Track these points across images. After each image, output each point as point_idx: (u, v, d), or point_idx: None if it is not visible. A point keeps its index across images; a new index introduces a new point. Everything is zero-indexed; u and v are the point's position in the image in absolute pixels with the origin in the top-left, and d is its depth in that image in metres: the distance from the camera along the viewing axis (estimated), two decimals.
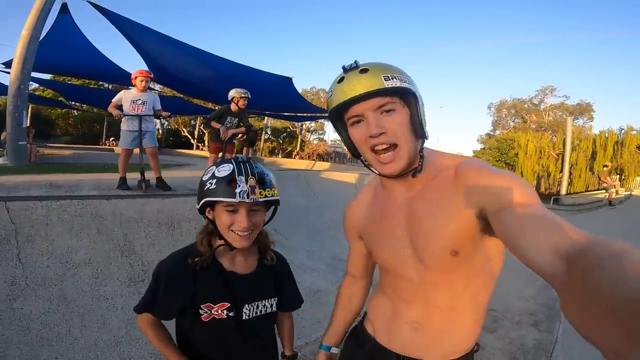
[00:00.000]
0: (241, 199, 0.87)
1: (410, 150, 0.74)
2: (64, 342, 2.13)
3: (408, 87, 0.72)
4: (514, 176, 0.68)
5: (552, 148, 20.20)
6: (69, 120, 26.25)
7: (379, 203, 0.90)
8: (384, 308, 0.93)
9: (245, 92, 4.42)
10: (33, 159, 7.18)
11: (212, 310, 0.96)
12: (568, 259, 0.43)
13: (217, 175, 0.90)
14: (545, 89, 30.07)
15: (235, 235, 0.92)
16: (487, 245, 0.75)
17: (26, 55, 5.86)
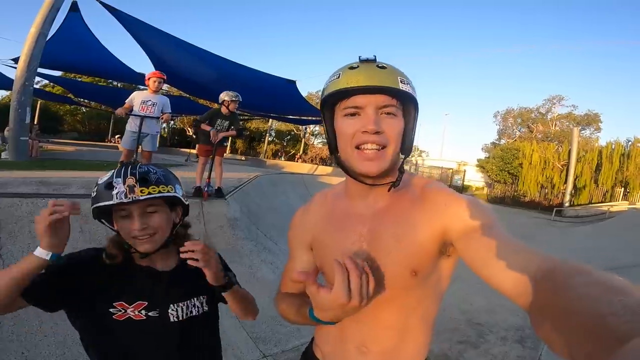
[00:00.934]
0: (119, 200, 0.85)
1: (394, 158, 0.72)
2: (34, 338, 2.15)
3: (416, 98, 0.71)
4: (477, 200, 0.70)
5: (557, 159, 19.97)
6: (77, 117, 26.58)
7: (339, 211, 0.84)
8: (331, 330, 0.86)
9: (237, 95, 4.37)
10: (34, 154, 7.29)
11: (128, 310, 0.90)
12: (537, 279, 0.44)
13: (98, 183, 0.90)
14: (553, 98, 29.75)
15: (137, 240, 0.89)
16: (441, 266, 0.75)
17: (33, 53, 5.97)
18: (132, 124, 4.07)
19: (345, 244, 0.80)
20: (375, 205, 0.79)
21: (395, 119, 0.69)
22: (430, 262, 0.73)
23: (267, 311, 2.98)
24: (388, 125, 0.69)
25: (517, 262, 0.50)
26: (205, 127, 4.32)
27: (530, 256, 0.50)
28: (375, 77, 0.67)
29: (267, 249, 3.85)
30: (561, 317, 0.36)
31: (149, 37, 8.19)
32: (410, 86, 0.70)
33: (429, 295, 0.78)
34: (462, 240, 0.65)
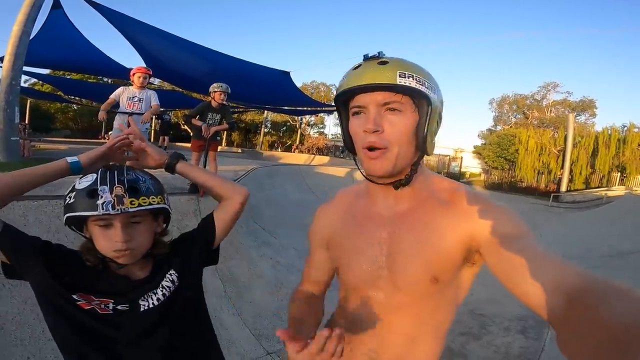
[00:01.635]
0: (105, 211, 0.75)
1: (400, 158, 0.68)
2: (38, 342, 2.12)
3: (424, 90, 0.65)
4: (509, 209, 0.67)
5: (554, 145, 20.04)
6: (69, 114, 26.12)
7: (359, 212, 0.82)
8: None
9: (221, 86, 4.22)
10: (27, 154, 7.17)
11: (93, 302, 0.80)
12: (570, 295, 0.44)
13: (76, 188, 0.79)
14: (548, 85, 29.70)
15: (116, 253, 0.79)
16: (461, 276, 0.73)
17: (17, 52, 5.86)
18: (120, 121, 3.96)
19: (362, 247, 0.78)
20: (396, 207, 0.76)
21: (399, 115, 0.66)
22: (453, 269, 0.70)
23: (268, 307, 3.00)
24: (390, 123, 0.66)
25: (547, 276, 0.49)
26: (196, 122, 4.22)
27: (562, 270, 0.48)
28: (373, 75, 0.66)
29: (267, 243, 3.82)
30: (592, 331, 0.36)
31: (136, 31, 7.97)
32: (415, 78, 0.65)
33: (445, 305, 0.75)
34: (490, 249, 0.62)
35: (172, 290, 0.90)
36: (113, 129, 4.06)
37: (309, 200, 6.27)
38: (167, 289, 0.89)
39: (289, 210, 5.18)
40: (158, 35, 7.88)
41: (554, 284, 0.47)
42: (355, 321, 0.82)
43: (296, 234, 4.65)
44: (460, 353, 2.58)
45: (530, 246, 0.57)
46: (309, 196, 6.48)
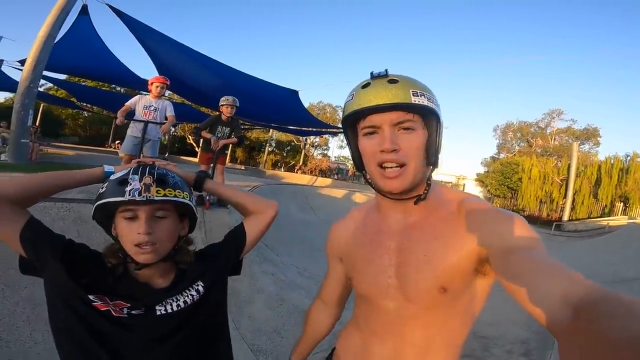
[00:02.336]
0: (131, 197, 0.76)
1: (417, 174, 0.70)
2: (24, 345, 2.10)
3: (434, 108, 0.68)
4: (519, 218, 0.66)
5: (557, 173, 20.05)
6: (79, 121, 26.65)
7: (369, 227, 0.85)
8: (353, 343, 0.88)
9: (227, 99, 4.33)
10: (34, 157, 7.26)
11: (108, 305, 0.80)
12: (577, 307, 0.43)
13: (110, 179, 0.82)
14: (553, 112, 30.06)
15: (137, 249, 0.79)
16: (475, 285, 0.72)
17: (40, 55, 5.98)
18: (134, 129, 4.04)
19: (372, 258, 0.80)
20: (405, 220, 0.77)
21: (413, 134, 0.68)
22: (462, 280, 0.70)
23: (268, 323, 2.97)
24: (406, 141, 0.68)
25: (555, 287, 0.48)
26: (206, 134, 4.31)
27: (571, 282, 0.48)
28: (386, 94, 0.66)
29: (268, 260, 3.81)
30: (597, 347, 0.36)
31: (155, 42, 8.24)
32: (426, 97, 0.67)
33: (458, 315, 0.75)
34: (498, 258, 0.61)
35: (196, 300, 0.89)
36: (126, 136, 4.11)
37: (311, 220, 6.28)
38: (191, 297, 0.89)
39: (291, 230, 5.18)
40: (174, 46, 8.12)
41: (562, 295, 0.46)
42: (367, 330, 0.84)
43: (297, 253, 4.64)
44: None
45: (539, 256, 0.56)
46: (311, 216, 6.50)
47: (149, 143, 4.08)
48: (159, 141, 4.32)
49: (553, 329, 0.46)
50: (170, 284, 0.89)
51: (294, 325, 2.96)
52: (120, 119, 3.89)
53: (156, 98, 4.15)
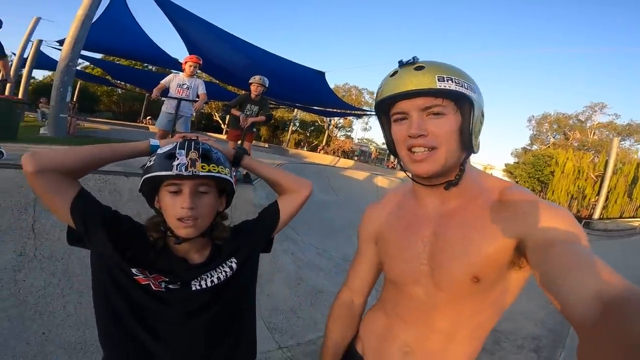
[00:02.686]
0: (178, 172, 0.79)
1: (449, 158, 0.69)
2: (56, 318, 2.14)
3: (464, 92, 0.66)
4: (563, 210, 0.64)
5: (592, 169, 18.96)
6: (113, 98, 27.78)
7: (406, 211, 0.84)
8: (377, 326, 0.89)
9: (256, 78, 4.41)
10: (72, 131, 7.66)
11: (148, 278, 0.84)
12: (607, 304, 0.42)
13: (157, 153, 0.85)
14: (595, 106, 28.12)
15: (180, 223, 0.81)
16: (509, 278, 0.70)
17: (78, 35, 6.25)
18: (168, 106, 4.21)
19: (406, 243, 0.80)
20: (442, 207, 0.77)
21: (443, 118, 0.67)
22: (496, 271, 0.69)
23: (285, 303, 3.05)
24: (434, 126, 0.67)
25: (589, 283, 0.46)
26: (235, 112, 4.42)
27: (607, 280, 0.46)
28: (411, 81, 0.67)
29: (290, 239, 3.88)
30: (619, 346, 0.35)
31: (185, 21, 8.37)
32: (454, 81, 0.66)
33: (488, 307, 0.74)
34: (535, 251, 0.59)
35: (229, 276, 0.92)
36: (161, 112, 4.29)
37: (332, 201, 6.30)
38: (224, 274, 0.91)
39: (312, 210, 5.23)
40: (204, 26, 8.23)
41: (595, 292, 0.45)
42: (393, 314, 0.85)
43: (317, 233, 4.70)
44: None
45: (579, 251, 0.54)
46: (332, 197, 6.51)
47: (182, 119, 4.23)
48: (190, 117, 4.46)
49: (579, 325, 0.45)
50: (205, 259, 0.91)
51: (310, 306, 3.03)
52: (155, 93, 4.06)
53: (189, 76, 4.28)
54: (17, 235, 2.33)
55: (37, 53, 9.74)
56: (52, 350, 2.01)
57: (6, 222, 2.36)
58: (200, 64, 4.34)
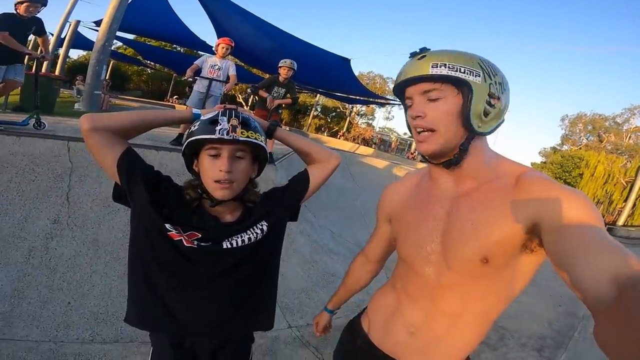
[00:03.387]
0: (220, 136, 0.85)
1: (448, 139, 0.73)
2: (82, 287, 2.19)
3: (457, 75, 0.69)
4: (580, 193, 0.64)
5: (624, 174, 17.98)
6: (142, 77, 28.47)
7: (421, 191, 0.87)
8: (385, 304, 0.91)
9: (285, 62, 4.50)
10: (104, 107, 7.99)
11: (182, 236, 0.89)
12: (624, 286, 0.42)
13: (201, 119, 0.91)
14: (634, 108, 26.50)
15: (216, 184, 0.88)
16: (519, 262, 0.71)
17: (115, 16, 6.51)
18: (200, 85, 4.37)
19: (420, 222, 0.83)
20: (457, 189, 0.79)
21: (441, 102, 0.72)
22: (507, 253, 0.70)
23: (298, 283, 3.15)
24: (431, 109, 0.73)
25: (606, 265, 0.46)
26: (263, 93, 4.52)
27: (624, 262, 0.45)
28: (411, 69, 0.74)
29: (306, 220, 3.93)
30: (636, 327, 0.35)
31: (216, 4, 8.42)
32: (448, 66, 0.69)
33: (496, 290, 0.75)
34: (550, 232, 0.60)
35: (260, 238, 0.97)
36: (193, 91, 4.45)
37: (350, 187, 6.31)
38: (255, 235, 0.96)
39: (329, 194, 5.27)
40: (233, 9, 8.26)
41: (612, 273, 0.44)
42: (402, 293, 0.87)
43: (333, 217, 4.74)
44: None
45: (595, 233, 0.54)
46: (350, 183, 6.52)
47: (211, 98, 4.39)
48: (220, 97, 4.62)
49: (595, 307, 0.44)
50: (237, 219, 0.97)
51: (322, 288, 3.08)
52: (189, 73, 4.22)
53: (221, 58, 4.42)
54: (53, 203, 2.42)
55: (75, 33, 10.08)
56: (75, 320, 2.05)
57: (43, 189, 2.46)
58: (232, 46, 4.46)
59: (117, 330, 2.11)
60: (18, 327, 1.95)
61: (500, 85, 0.72)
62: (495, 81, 0.71)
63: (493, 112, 0.72)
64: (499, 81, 0.72)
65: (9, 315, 1.98)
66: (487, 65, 0.72)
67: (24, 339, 1.91)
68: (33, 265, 2.18)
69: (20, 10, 3.56)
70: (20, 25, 3.63)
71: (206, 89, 4.26)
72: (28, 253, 2.22)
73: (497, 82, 0.72)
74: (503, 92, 0.73)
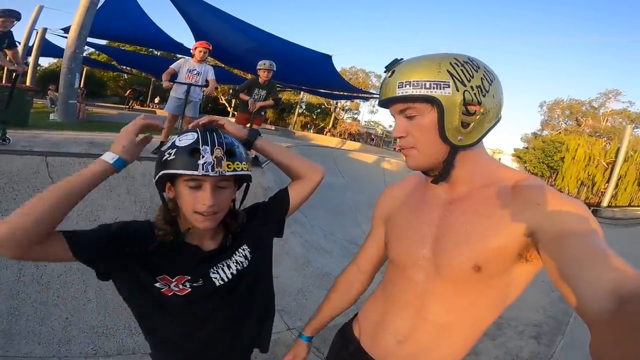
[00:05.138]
0: (204, 172, 0.75)
1: (429, 155, 0.72)
2: (78, 302, 2.20)
3: (423, 94, 0.66)
4: (580, 203, 0.62)
5: (604, 156, 18.57)
6: (119, 83, 27.72)
7: (417, 196, 0.86)
8: (375, 311, 0.90)
9: (264, 64, 4.42)
10: (81, 116, 7.74)
11: (171, 285, 0.83)
12: (623, 298, 0.41)
13: (177, 145, 0.77)
14: (609, 93, 27.29)
15: (198, 216, 0.79)
16: (513, 272, 0.69)
17: (83, 22, 6.26)
18: (178, 91, 4.24)
19: (412, 225, 0.82)
20: (450, 193, 0.77)
21: (416, 119, 0.70)
22: (500, 261, 0.67)
23: (293, 285, 3.13)
24: (410, 127, 0.71)
25: (605, 278, 0.46)
26: (244, 96, 4.44)
27: (623, 274, 0.45)
28: (383, 90, 0.72)
29: (297, 221, 3.91)
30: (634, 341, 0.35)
31: (189, 6, 8.26)
32: (412, 84, 0.67)
33: (488, 299, 0.73)
34: (547, 243, 0.59)
35: (245, 265, 0.94)
36: (169, 97, 4.32)
37: (339, 184, 6.30)
38: (240, 264, 0.93)
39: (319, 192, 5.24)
40: (208, 10, 8.11)
41: (611, 286, 0.44)
42: (391, 299, 0.85)
43: (323, 216, 4.73)
44: (473, 351, 2.60)
45: (593, 244, 0.53)
46: (338, 180, 6.51)
47: (191, 104, 4.28)
48: (199, 102, 4.51)
49: (594, 320, 0.44)
50: (219, 246, 0.92)
51: (318, 288, 3.09)
52: (166, 83, 4.08)
53: (199, 62, 4.30)
54: None
55: (42, 41, 9.72)
56: (75, 335, 2.09)
57: None
58: (209, 49, 4.35)
59: (118, 342, 2.14)
60: (20, 344, 1.96)
61: (480, 88, 0.66)
62: (472, 86, 0.66)
63: (474, 120, 0.67)
64: (476, 84, 0.66)
65: (8, 333, 1.99)
66: (460, 69, 0.66)
67: (28, 356, 1.93)
68: (25, 283, 2.19)
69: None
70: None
71: (184, 94, 4.14)
72: (18, 271, 2.24)
73: (474, 87, 0.66)
74: (485, 94, 0.67)
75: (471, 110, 0.67)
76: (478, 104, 0.67)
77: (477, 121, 0.68)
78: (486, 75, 0.68)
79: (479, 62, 0.69)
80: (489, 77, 0.68)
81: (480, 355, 2.58)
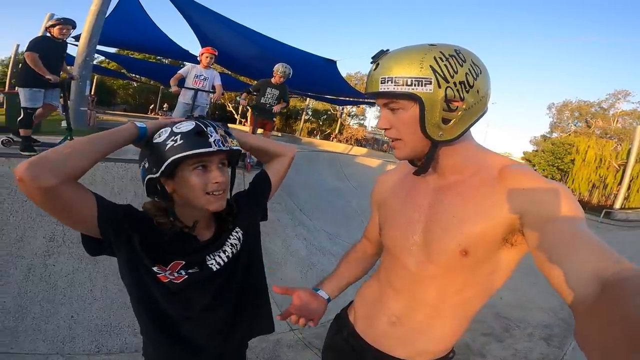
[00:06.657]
0: (218, 147, 0.78)
1: (414, 147, 0.73)
2: (84, 301, 2.24)
3: (403, 91, 0.66)
4: (564, 188, 0.63)
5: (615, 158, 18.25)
6: (129, 91, 28.33)
7: (408, 183, 0.87)
8: (370, 294, 0.93)
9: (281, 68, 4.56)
10: (92, 123, 7.91)
11: (166, 272, 0.83)
12: (605, 284, 0.41)
13: (179, 131, 0.78)
14: (618, 93, 26.93)
15: (211, 197, 0.81)
16: (499, 256, 0.71)
17: (93, 30, 6.43)
18: (186, 96, 4.33)
19: (403, 212, 0.84)
20: (440, 180, 0.79)
21: (399, 112, 0.71)
22: (486, 246, 0.69)
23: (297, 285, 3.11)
24: (394, 120, 0.72)
25: (588, 263, 0.46)
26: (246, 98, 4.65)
27: (606, 259, 0.45)
28: (368, 83, 0.73)
29: (302, 224, 3.93)
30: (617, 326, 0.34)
31: (195, 13, 8.41)
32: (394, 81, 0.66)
33: (477, 284, 0.75)
34: (533, 228, 0.60)
35: (239, 247, 0.96)
36: (178, 102, 4.42)
37: (344, 188, 6.33)
38: (234, 247, 0.94)
39: (324, 196, 5.28)
40: (214, 17, 8.26)
41: (594, 272, 0.44)
42: (386, 283, 0.88)
43: (329, 219, 4.75)
44: (479, 352, 2.58)
45: (577, 229, 0.54)
46: (344, 184, 6.54)
47: (198, 109, 4.38)
48: (206, 107, 4.61)
49: (577, 305, 0.44)
50: (213, 235, 0.94)
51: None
52: (174, 88, 4.17)
53: (206, 68, 4.40)
54: (47, 222, 2.46)
55: None
56: (80, 333, 2.12)
57: (36, 209, 2.47)
58: (216, 55, 4.46)
59: (122, 341, 2.17)
60: (25, 342, 2.00)
61: (463, 84, 0.66)
62: (455, 82, 0.65)
63: (456, 116, 0.67)
64: (460, 80, 0.65)
65: (14, 330, 2.03)
66: (444, 64, 0.65)
67: (32, 352, 1.96)
68: (33, 282, 2.23)
69: (54, 33, 3.52)
70: (55, 49, 3.58)
71: (192, 100, 4.23)
72: (27, 270, 2.26)
73: (457, 83, 0.65)
74: (469, 89, 0.66)
75: (453, 107, 0.67)
76: (460, 100, 0.67)
77: (459, 117, 0.68)
78: (472, 69, 0.67)
79: (465, 55, 0.67)
80: (474, 71, 0.67)
81: (487, 357, 2.56)
